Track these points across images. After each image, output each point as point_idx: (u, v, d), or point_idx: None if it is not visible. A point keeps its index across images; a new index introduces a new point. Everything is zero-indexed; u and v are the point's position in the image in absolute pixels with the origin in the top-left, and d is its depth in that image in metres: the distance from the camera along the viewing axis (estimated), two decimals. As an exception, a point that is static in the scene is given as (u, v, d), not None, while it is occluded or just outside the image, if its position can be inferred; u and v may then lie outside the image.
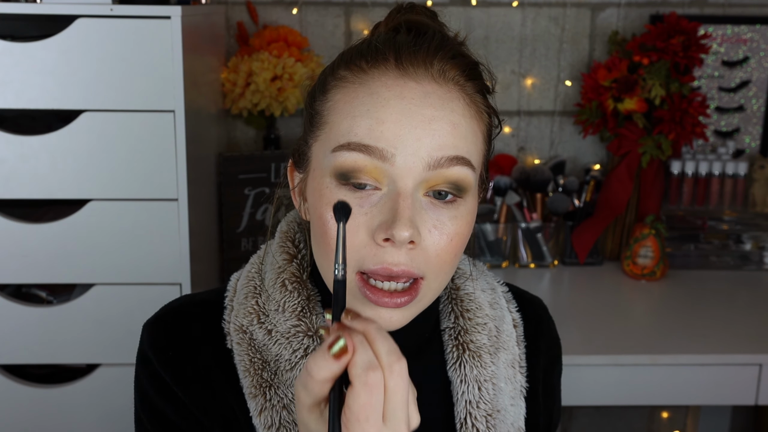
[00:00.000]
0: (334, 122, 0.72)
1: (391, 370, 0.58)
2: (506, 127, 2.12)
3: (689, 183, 2.04)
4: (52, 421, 1.51)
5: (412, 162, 0.68)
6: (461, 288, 0.87)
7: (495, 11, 2.05)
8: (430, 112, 0.69)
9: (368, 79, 0.71)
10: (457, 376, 0.83)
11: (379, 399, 0.57)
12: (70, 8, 1.36)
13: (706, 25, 2.04)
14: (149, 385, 0.81)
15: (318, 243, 0.73)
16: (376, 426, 0.57)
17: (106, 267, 1.45)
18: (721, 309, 1.77)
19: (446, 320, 0.86)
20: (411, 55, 0.71)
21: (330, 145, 0.71)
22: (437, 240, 0.70)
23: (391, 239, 0.67)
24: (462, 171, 0.70)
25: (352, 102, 0.71)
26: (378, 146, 0.68)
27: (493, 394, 0.82)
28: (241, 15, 1.99)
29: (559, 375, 0.95)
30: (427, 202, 0.70)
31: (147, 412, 0.81)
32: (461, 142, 0.70)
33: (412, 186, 0.69)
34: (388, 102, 0.69)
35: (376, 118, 0.69)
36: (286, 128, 2.04)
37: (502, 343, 0.86)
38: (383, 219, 0.68)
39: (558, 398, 0.94)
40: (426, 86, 0.70)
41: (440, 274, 0.73)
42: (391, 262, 0.68)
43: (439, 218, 0.70)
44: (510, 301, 0.92)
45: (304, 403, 0.60)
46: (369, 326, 0.59)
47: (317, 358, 0.58)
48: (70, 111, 1.39)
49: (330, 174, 0.70)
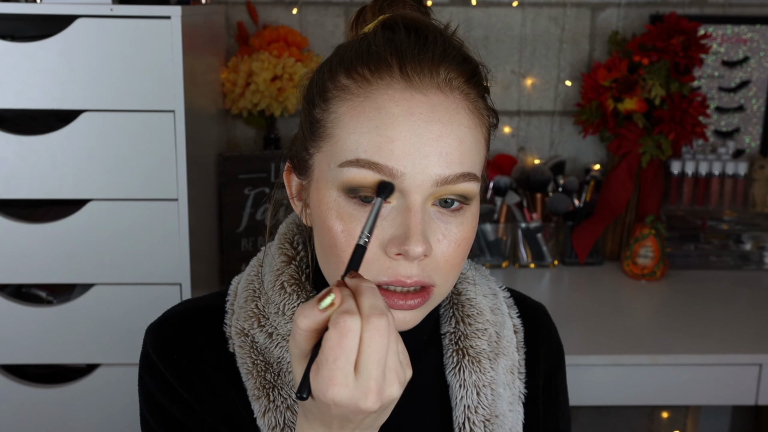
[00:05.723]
0: (339, 136, 0.71)
1: (369, 321, 0.58)
2: (506, 127, 2.12)
3: (689, 183, 2.04)
4: (52, 421, 1.51)
5: (420, 180, 0.69)
6: (462, 293, 0.87)
7: (495, 11, 2.05)
8: (438, 128, 0.69)
9: (373, 90, 0.70)
10: (456, 381, 0.83)
11: (351, 345, 0.58)
12: (70, 8, 1.36)
13: (706, 25, 2.04)
14: (155, 388, 0.81)
15: (325, 253, 0.73)
16: (343, 371, 0.58)
17: (106, 267, 1.46)
18: (721, 309, 1.77)
19: (447, 325, 0.86)
20: (416, 64, 0.70)
21: (336, 159, 0.71)
22: (446, 248, 0.71)
23: (404, 254, 0.68)
24: (467, 186, 0.71)
25: (358, 117, 0.70)
26: (388, 165, 0.68)
27: (492, 400, 0.83)
28: (241, 15, 1.99)
29: (563, 381, 0.94)
30: (435, 211, 0.71)
31: (154, 415, 0.81)
32: (467, 158, 0.71)
33: (421, 200, 0.69)
34: (397, 119, 0.69)
35: (385, 136, 0.68)
36: (286, 128, 2.04)
37: (502, 348, 0.86)
38: (394, 233, 0.69)
39: (563, 404, 0.94)
40: (432, 98, 0.70)
41: (449, 279, 0.74)
42: (404, 275, 0.70)
43: (448, 227, 0.71)
44: (511, 306, 0.91)
45: (293, 354, 0.62)
46: (362, 283, 0.61)
47: (304, 309, 0.60)
48: (70, 111, 1.39)
49: (337, 188, 0.70)
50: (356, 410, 0.59)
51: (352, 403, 0.59)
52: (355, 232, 0.69)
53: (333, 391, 0.58)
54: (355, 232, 0.69)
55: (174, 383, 0.80)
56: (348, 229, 0.69)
